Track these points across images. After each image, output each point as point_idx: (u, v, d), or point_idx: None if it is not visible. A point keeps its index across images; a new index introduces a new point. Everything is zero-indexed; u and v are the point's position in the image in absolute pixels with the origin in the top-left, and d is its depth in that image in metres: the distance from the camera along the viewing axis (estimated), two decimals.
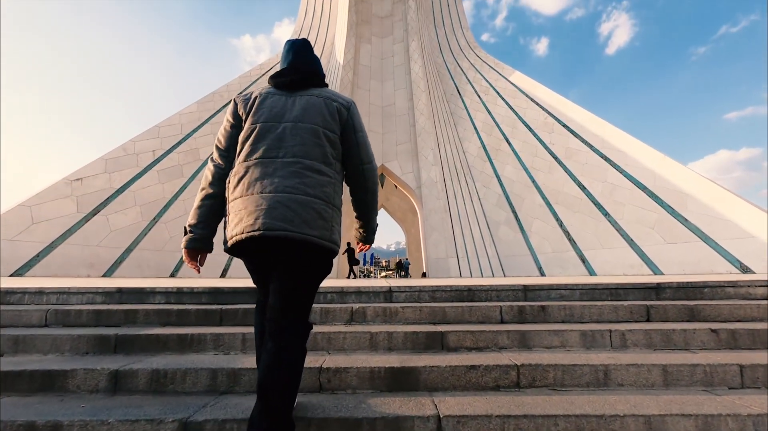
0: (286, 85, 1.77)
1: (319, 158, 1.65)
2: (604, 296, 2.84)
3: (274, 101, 1.72)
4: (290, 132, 1.64)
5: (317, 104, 1.72)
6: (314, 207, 1.57)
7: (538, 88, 24.14)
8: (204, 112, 21.23)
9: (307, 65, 1.82)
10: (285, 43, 1.88)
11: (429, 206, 23.38)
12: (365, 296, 3.00)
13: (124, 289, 3.02)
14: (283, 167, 1.59)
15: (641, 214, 16.93)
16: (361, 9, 29.19)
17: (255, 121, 1.69)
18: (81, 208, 15.32)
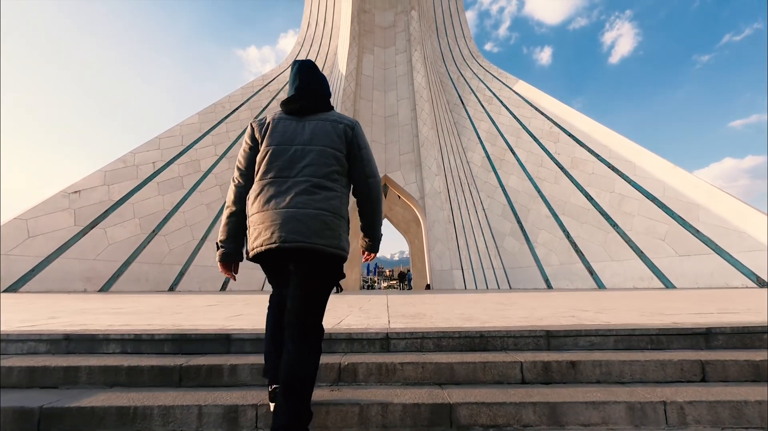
0: (296, 111, 1.97)
1: (326, 175, 1.84)
2: (644, 344, 2.37)
3: (285, 125, 1.92)
4: (300, 153, 1.85)
5: (325, 127, 1.92)
6: (322, 219, 1.76)
7: (542, 97, 23.86)
8: (205, 123, 21.05)
9: (312, 91, 2.00)
10: (292, 65, 2.03)
11: (433, 216, 23.01)
12: (357, 344, 2.48)
13: (73, 336, 2.45)
14: (294, 185, 1.79)
15: (651, 225, 16.49)
16: (364, 20, 29.14)
17: (269, 144, 1.88)
18: (78, 220, 15.03)
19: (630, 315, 3.50)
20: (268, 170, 1.85)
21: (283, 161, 1.84)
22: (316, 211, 1.76)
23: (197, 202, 18.66)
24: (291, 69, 2.04)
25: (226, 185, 20.18)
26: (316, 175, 1.82)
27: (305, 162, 1.84)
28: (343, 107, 24.72)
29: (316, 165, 1.84)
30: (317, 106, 1.99)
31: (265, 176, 1.85)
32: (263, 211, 1.79)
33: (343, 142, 1.92)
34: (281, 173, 1.83)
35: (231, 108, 22.93)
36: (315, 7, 34.58)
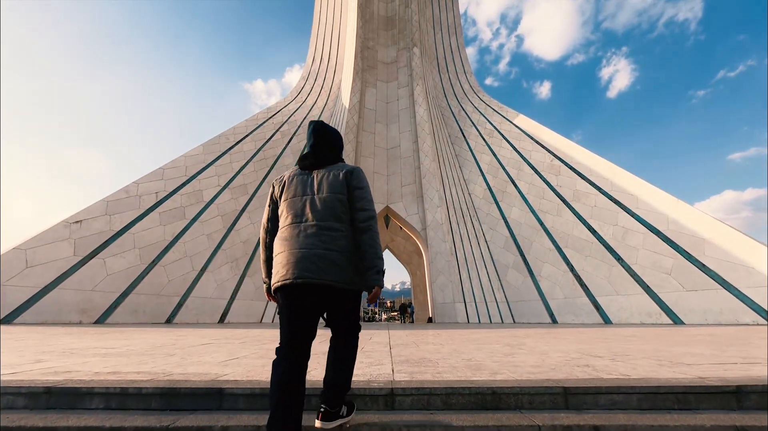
0: (308, 167, 2.32)
1: (332, 218, 2.14)
2: (670, 403, 2.17)
3: (299, 180, 2.28)
4: (310, 202, 2.18)
5: (330, 178, 2.23)
6: (329, 258, 2.04)
7: (542, 130, 24.17)
8: (209, 155, 21.26)
9: (321, 149, 2.34)
10: (308, 125, 2.40)
11: (435, 248, 22.82)
12: (360, 400, 2.27)
13: (55, 389, 2.22)
14: (305, 230, 2.11)
15: (656, 259, 16.27)
16: (367, 56, 29.99)
17: (286, 198, 2.26)
18: (78, 250, 14.91)
19: (648, 365, 3.30)
20: (285, 218, 2.21)
21: (297, 210, 2.18)
22: (324, 251, 2.06)
23: (198, 233, 18.58)
24: (308, 128, 2.40)
25: (228, 216, 20.17)
26: (323, 219, 2.13)
27: (314, 209, 2.16)
28: (345, 139, 25.03)
29: (323, 210, 2.15)
30: (326, 161, 2.32)
31: (284, 224, 2.21)
32: (281, 253, 2.13)
33: (344, 186, 2.21)
34: (294, 220, 2.16)
35: (235, 140, 23.23)
36: (320, 44, 35.72)
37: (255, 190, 22.13)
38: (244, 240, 20.24)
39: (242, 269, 19.57)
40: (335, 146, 2.39)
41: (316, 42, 35.99)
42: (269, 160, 23.93)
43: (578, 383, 2.33)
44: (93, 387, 2.25)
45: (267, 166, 23.57)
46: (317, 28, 36.90)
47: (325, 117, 28.98)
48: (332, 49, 34.60)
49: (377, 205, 24.46)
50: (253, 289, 19.63)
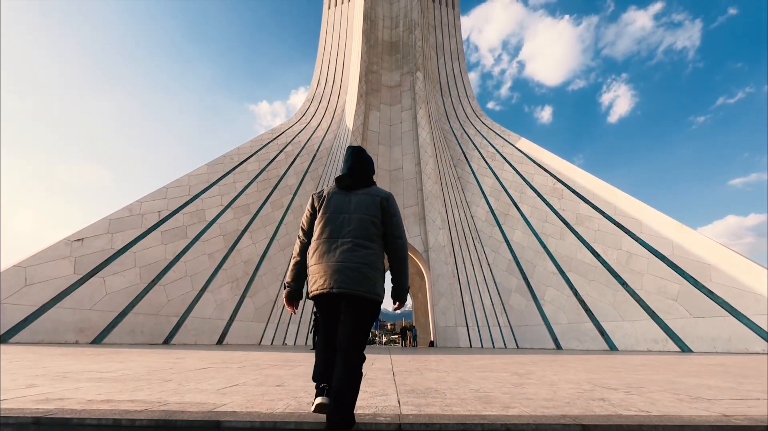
0: (345, 187, 2.54)
1: (366, 237, 2.36)
2: None
3: (337, 198, 2.49)
4: (347, 221, 2.39)
5: (366, 200, 2.46)
6: (361, 271, 2.27)
7: (544, 154, 24.29)
8: (213, 174, 21.37)
9: (358, 172, 2.55)
10: (346, 149, 2.63)
11: (437, 271, 22.63)
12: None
13: (44, 420, 2.08)
14: (342, 245, 2.32)
15: (662, 284, 16.05)
16: (371, 79, 30.50)
17: (325, 213, 2.45)
18: (78, 269, 14.81)
19: (667, 399, 3.16)
20: (323, 232, 2.40)
21: (334, 226, 2.39)
22: (357, 265, 2.28)
23: (200, 252, 18.49)
24: (346, 152, 2.67)
25: (230, 235, 20.10)
26: (357, 237, 2.35)
27: (350, 227, 2.37)
28: None
29: (357, 229, 2.37)
30: (361, 183, 2.55)
31: (320, 237, 2.40)
32: (319, 264, 2.34)
33: (379, 210, 2.45)
34: (332, 235, 2.37)
35: (239, 159, 23.39)
36: (325, 67, 36.39)
37: (257, 209, 22.14)
38: (245, 260, 20.11)
39: (242, 289, 19.38)
40: (369, 170, 2.64)
41: (321, 65, 36.68)
42: (272, 180, 24.02)
43: (597, 420, 2.21)
44: (84, 418, 2.13)
45: (270, 186, 23.65)
46: (323, 52, 37.68)
47: (328, 139, 29.26)
48: (337, 73, 35.22)
49: None
50: (253, 310, 19.39)
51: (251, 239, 20.97)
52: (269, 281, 20.73)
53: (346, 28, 37.48)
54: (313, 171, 26.64)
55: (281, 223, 22.88)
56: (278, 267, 21.50)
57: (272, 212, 22.85)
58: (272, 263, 21.32)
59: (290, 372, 5.04)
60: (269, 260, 21.25)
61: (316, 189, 26.00)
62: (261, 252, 21.11)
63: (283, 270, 21.68)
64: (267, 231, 22.01)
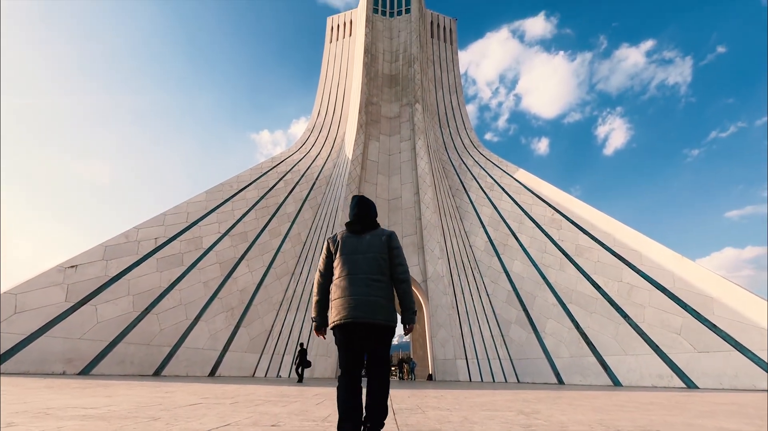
0: (355, 231, 2.95)
1: (377, 272, 2.76)
2: None
3: (350, 241, 2.89)
4: (362, 260, 2.79)
5: (375, 241, 2.87)
6: (379, 303, 2.66)
7: (542, 185, 24.45)
8: (212, 202, 21.34)
9: (365, 217, 3.00)
10: (352, 198, 3.08)
11: (435, 301, 22.30)
12: None
13: None
14: (358, 281, 2.71)
15: (664, 317, 15.79)
16: (371, 110, 31.06)
17: (341, 254, 2.85)
18: (70, 296, 14.50)
19: None
20: (342, 271, 2.79)
21: (351, 265, 2.78)
22: (374, 298, 2.68)
23: (195, 280, 18.21)
24: (351, 200, 3.10)
25: (227, 263, 19.87)
26: (371, 273, 2.75)
27: (364, 265, 2.77)
28: (348, 190, 25.29)
29: (371, 267, 2.77)
30: (369, 227, 2.98)
31: (340, 275, 2.79)
32: (341, 298, 2.72)
33: (386, 248, 2.87)
34: (350, 273, 2.76)
35: (239, 187, 23.45)
36: (326, 98, 37.14)
37: (255, 237, 22.00)
38: (240, 289, 19.79)
39: (237, 319, 18.98)
40: (373, 215, 3.10)
41: (322, 96, 37.44)
42: (271, 208, 24.00)
43: None
44: None
45: (269, 214, 23.61)
46: (323, 83, 38.55)
47: (328, 167, 29.49)
48: (337, 104, 35.92)
49: None
50: (247, 340, 18.91)
51: (248, 267, 20.73)
52: (265, 310, 20.35)
53: (347, 60, 38.52)
54: (312, 199, 26.68)
55: (279, 251, 22.70)
56: (274, 296, 21.15)
57: (270, 240, 22.70)
58: (268, 292, 20.99)
59: (285, 410, 4.80)
60: (265, 289, 20.93)
61: (314, 217, 25.95)
62: (257, 281, 20.81)
63: (279, 299, 21.33)
64: (264, 259, 21.79)
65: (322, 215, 25.76)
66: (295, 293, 21.90)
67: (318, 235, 24.54)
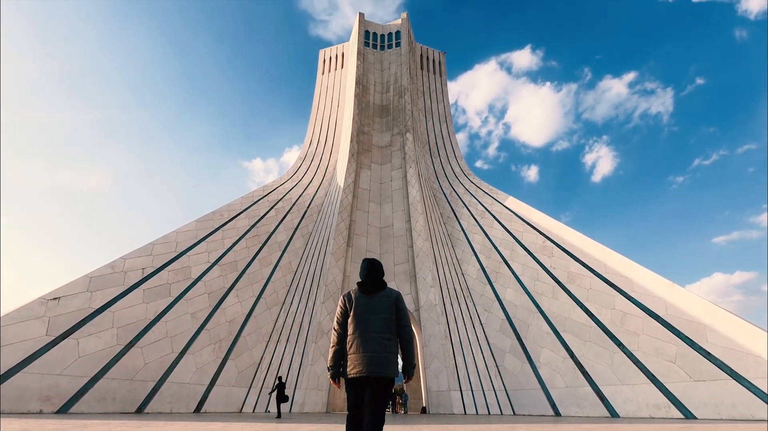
0: (367, 292, 3.29)
1: (387, 331, 3.15)
2: None
3: (362, 301, 3.24)
4: (372, 319, 3.16)
5: (384, 302, 3.24)
6: (388, 359, 3.07)
7: (533, 212, 24.68)
8: (201, 231, 21.13)
9: (374, 279, 3.33)
10: (362, 261, 3.44)
11: (428, 331, 21.95)
12: None
13: None
14: (371, 339, 3.09)
15: (659, 345, 15.68)
16: (363, 140, 31.50)
17: (354, 313, 3.21)
18: (51, 330, 14.02)
19: None
20: (355, 329, 3.15)
21: (364, 325, 3.15)
22: (384, 355, 3.06)
23: (182, 311, 17.77)
24: (362, 263, 3.47)
25: (215, 293, 19.48)
26: (382, 332, 3.13)
27: (375, 325, 3.15)
28: (339, 218, 25.28)
29: (381, 326, 3.15)
30: (378, 288, 3.32)
31: (354, 333, 3.14)
32: (356, 354, 3.08)
33: (393, 308, 3.24)
34: (363, 331, 3.12)
35: (229, 216, 23.30)
36: (318, 127, 37.66)
37: (245, 267, 21.70)
38: (229, 320, 19.33)
39: (225, 351, 18.44)
40: (381, 274, 3.43)
41: (314, 126, 37.97)
42: (262, 237, 23.81)
43: None
44: None
45: (259, 243, 23.40)
46: (315, 113, 39.18)
47: (319, 196, 29.55)
48: (329, 133, 36.40)
49: None
50: (235, 374, 18.32)
51: (237, 297, 20.33)
52: (254, 342, 19.84)
53: (339, 91, 39.34)
54: (303, 228, 26.57)
55: (269, 281, 22.37)
56: (264, 326, 20.69)
57: (260, 269, 22.40)
58: (258, 323, 20.53)
59: None
60: (255, 319, 20.48)
61: (305, 245, 25.76)
62: (247, 312, 20.38)
63: (269, 330, 20.86)
64: (254, 289, 21.43)
65: (313, 244, 25.59)
66: (285, 323, 21.45)
67: (309, 264, 24.30)
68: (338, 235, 24.72)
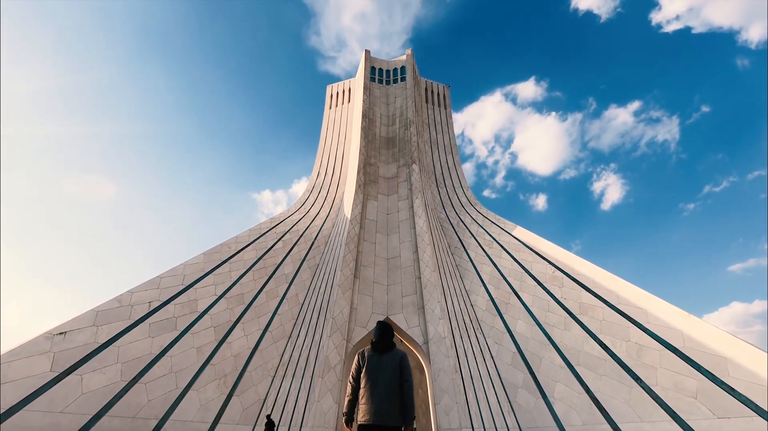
0: (377, 351, 3.98)
1: (393, 386, 3.79)
2: None
3: (373, 360, 3.92)
4: (381, 375, 3.81)
5: (391, 363, 3.91)
6: (393, 411, 3.67)
7: (541, 242, 24.45)
8: (209, 263, 21.18)
9: (384, 340, 4.04)
10: (377, 323, 4.21)
11: (438, 365, 21.37)
12: None
13: None
14: (379, 394, 3.72)
15: (678, 380, 15.06)
16: (369, 171, 31.89)
17: (366, 369, 3.88)
18: (56, 366, 13.88)
19: None
20: (366, 383, 3.76)
21: (374, 380, 3.74)
22: (389, 406, 3.60)
23: (188, 345, 17.56)
24: (376, 325, 4.22)
25: (221, 327, 19.28)
26: (388, 387, 3.68)
27: (383, 382, 3.73)
28: (347, 249, 25.22)
29: (387, 381, 3.73)
30: (387, 348, 3.94)
31: (365, 386, 3.75)
32: (365, 404, 3.61)
33: (398, 365, 3.86)
34: (372, 385, 3.72)
35: (237, 248, 23.38)
36: (325, 160, 38.27)
37: (252, 299, 21.56)
38: (235, 354, 19.03)
39: (230, 387, 18.04)
40: (391, 336, 4.05)
41: (322, 158, 38.61)
42: (269, 269, 23.77)
43: None
44: None
45: (266, 275, 23.33)
46: (323, 146, 39.93)
47: (326, 227, 29.65)
48: (336, 165, 36.93)
49: (377, 316, 23.60)
50: (240, 411, 17.85)
51: (243, 331, 20.10)
52: (259, 377, 19.42)
53: (346, 125, 40.21)
54: (310, 259, 26.52)
55: (275, 314, 22.14)
56: (270, 361, 20.30)
57: (267, 302, 22.23)
58: (264, 357, 20.17)
59: None
60: (261, 354, 20.14)
61: (312, 277, 25.63)
62: (253, 346, 20.08)
63: (275, 364, 20.46)
64: (260, 322, 21.20)
65: (319, 276, 25.45)
66: (291, 357, 21.05)
67: (316, 297, 24.08)
68: (345, 267, 24.59)
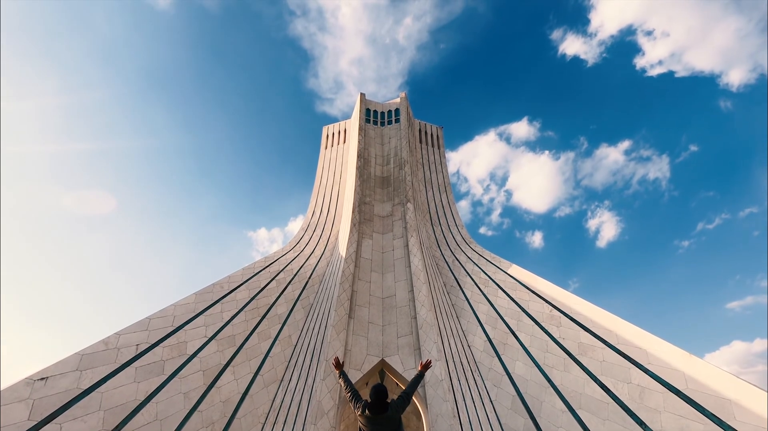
0: (374, 412, 4.69)
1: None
2: None
3: (371, 418, 4.87)
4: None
5: (388, 422, 4.84)
6: None
7: (537, 280, 24.31)
8: (201, 303, 20.72)
9: (382, 402, 4.76)
10: (372, 388, 4.82)
11: (435, 410, 20.57)
12: None
13: None
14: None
15: (684, 424, 14.57)
16: (364, 210, 32.07)
17: (365, 423, 5.04)
18: (34, 414, 13.18)
19: None
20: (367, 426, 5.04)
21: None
22: None
23: (175, 391, 16.84)
24: (372, 388, 4.77)
25: (211, 371, 18.61)
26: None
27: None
28: (341, 288, 24.91)
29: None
30: (382, 410, 4.50)
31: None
32: None
33: (396, 419, 4.79)
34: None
35: (229, 288, 22.99)
36: (320, 199, 38.55)
37: (243, 341, 20.96)
38: (224, 400, 18.24)
39: None
40: (385, 398, 4.48)
41: (317, 197, 38.90)
42: (261, 309, 23.28)
43: None
44: None
45: (258, 316, 22.82)
46: (318, 185, 40.34)
47: (321, 266, 29.39)
48: (331, 204, 37.17)
49: (372, 358, 22.94)
50: None
51: (233, 375, 19.38)
52: (249, 424, 18.54)
53: (341, 165, 40.86)
54: (304, 299, 26.08)
55: (267, 356, 21.47)
56: (260, 407, 19.46)
57: (258, 344, 21.61)
58: (254, 402, 19.35)
59: None
60: (251, 399, 19.33)
61: (306, 317, 25.09)
62: (243, 390, 19.30)
63: (266, 410, 19.59)
64: (251, 365, 20.50)
65: (313, 316, 24.94)
66: (283, 403, 20.20)
67: (309, 337, 23.47)
68: (339, 307, 24.16)
